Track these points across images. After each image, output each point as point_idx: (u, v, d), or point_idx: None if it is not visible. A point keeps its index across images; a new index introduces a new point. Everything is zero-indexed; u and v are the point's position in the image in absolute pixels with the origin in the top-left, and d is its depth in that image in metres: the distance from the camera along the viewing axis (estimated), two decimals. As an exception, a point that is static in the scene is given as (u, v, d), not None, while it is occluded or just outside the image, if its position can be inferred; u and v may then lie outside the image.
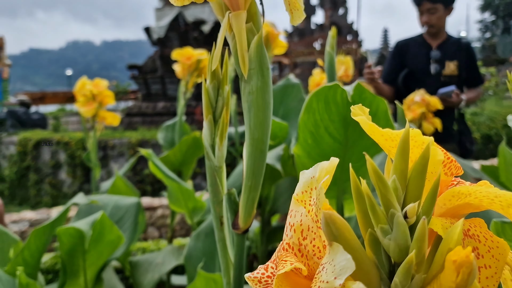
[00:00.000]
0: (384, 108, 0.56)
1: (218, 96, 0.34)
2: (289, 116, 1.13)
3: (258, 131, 0.29)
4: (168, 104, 7.78)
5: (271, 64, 5.81)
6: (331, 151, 0.61)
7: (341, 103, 0.56)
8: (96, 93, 1.35)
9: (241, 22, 0.31)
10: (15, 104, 7.66)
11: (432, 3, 1.84)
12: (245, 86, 0.31)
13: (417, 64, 1.94)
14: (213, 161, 0.31)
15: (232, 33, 0.31)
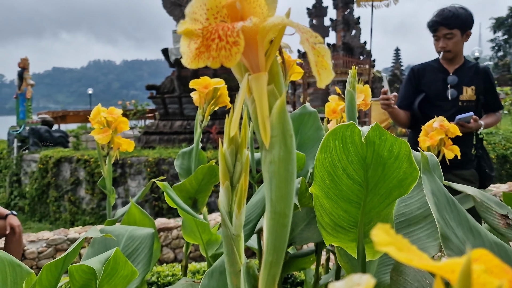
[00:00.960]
0: (406, 150, 0.54)
1: (236, 161, 0.31)
2: (306, 145, 1.11)
3: (281, 204, 0.27)
4: (185, 123, 7.87)
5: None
6: (351, 193, 0.59)
7: (360, 144, 0.54)
8: (111, 120, 1.35)
9: (262, 86, 0.29)
10: (38, 122, 7.86)
11: (449, 28, 1.81)
12: (266, 155, 0.28)
13: (433, 89, 1.90)
14: (230, 229, 0.29)
15: (251, 97, 0.29)
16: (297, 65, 1.37)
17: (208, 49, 0.26)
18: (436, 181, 0.54)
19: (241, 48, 0.26)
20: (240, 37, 0.26)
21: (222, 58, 0.26)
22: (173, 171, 5.77)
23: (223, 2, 0.28)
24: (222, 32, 0.27)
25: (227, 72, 8.04)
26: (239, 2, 0.28)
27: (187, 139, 7.60)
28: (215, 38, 0.27)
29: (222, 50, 0.26)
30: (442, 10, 1.85)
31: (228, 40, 0.26)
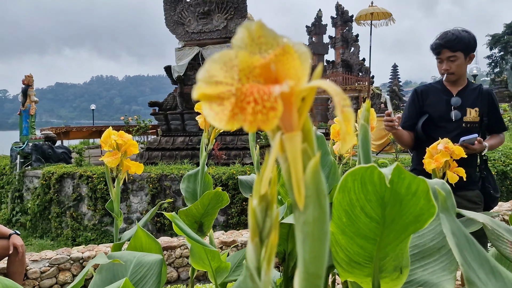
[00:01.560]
0: (425, 188, 0.54)
1: (266, 217, 0.31)
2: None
3: (314, 265, 0.27)
4: (187, 139, 7.89)
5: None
6: (368, 230, 0.59)
7: (379, 183, 0.54)
8: (121, 143, 1.36)
9: (297, 146, 0.28)
10: (41, 138, 7.88)
11: (452, 51, 1.82)
12: (300, 215, 0.28)
13: (437, 111, 1.91)
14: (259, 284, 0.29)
15: (284, 155, 0.29)
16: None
17: (243, 111, 0.26)
18: (455, 221, 0.54)
19: (278, 114, 0.26)
20: (278, 103, 0.26)
21: (259, 122, 0.26)
22: (175, 187, 5.76)
23: (255, 63, 0.28)
24: (258, 96, 0.26)
25: (229, 89, 8.09)
26: (274, 64, 0.28)
27: (189, 155, 7.61)
28: (251, 101, 0.26)
29: (259, 114, 0.26)
30: (445, 33, 1.87)
31: (265, 104, 0.26)
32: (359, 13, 9.17)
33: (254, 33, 0.29)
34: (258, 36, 0.28)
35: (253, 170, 5.56)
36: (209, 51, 8.15)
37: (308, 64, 0.28)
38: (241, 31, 0.29)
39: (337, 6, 22.63)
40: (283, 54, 0.28)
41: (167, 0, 8.49)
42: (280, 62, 0.28)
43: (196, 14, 8.21)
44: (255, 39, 0.28)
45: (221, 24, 8.08)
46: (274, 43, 0.29)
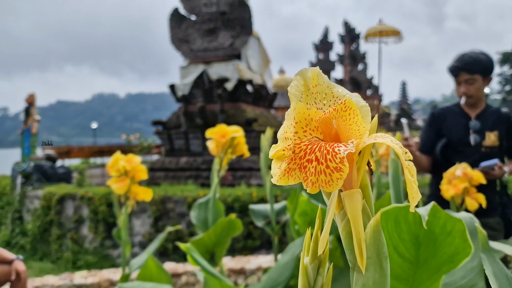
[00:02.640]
0: (461, 227, 0.51)
1: (317, 275, 0.29)
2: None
3: None
4: (191, 159, 7.84)
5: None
6: (400, 270, 0.56)
7: (413, 223, 0.51)
8: (129, 169, 1.33)
9: (357, 205, 0.26)
10: (42, 158, 7.86)
11: (470, 74, 1.80)
12: (358, 277, 0.25)
13: (455, 134, 1.87)
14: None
15: (341, 213, 0.27)
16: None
17: (302, 169, 0.24)
18: (497, 262, 0.51)
19: (344, 175, 0.24)
20: (345, 164, 0.23)
21: (321, 183, 0.24)
22: (179, 209, 5.69)
23: (312, 115, 0.27)
24: (320, 154, 0.25)
25: (235, 107, 8.11)
26: (336, 120, 0.26)
27: (193, 176, 7.55)
28: (312, 160, 0.25)
29: (322, 174, 0.24)
30: (462, 55, 1.85)
31: (328, 164, 0.24)
32: (368, 30, 9.27)
33: (310, 81, 0.26)
34: (314, 85, 0.27)
35: (259, 192, 5.49)
36: (215, 69, 8.20)
37: (369, 118, 0.27)
38: (296, 79, 0.26)
39: (345, 23, 22.93)
40: (345, 109, 0.27)
41: (172, 18, 8.59)
42: (341, 117, 0.27)
43: (201, 32, 8.29)
44: (311, 88, 0.27)
45: (226, 41, 8.15)
46: (328, 92, 0.27)
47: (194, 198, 5.58)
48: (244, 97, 8.23)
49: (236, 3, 8.06)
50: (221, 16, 8.15)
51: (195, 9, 8.41)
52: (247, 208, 5.37)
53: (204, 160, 7.77)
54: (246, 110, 8.03)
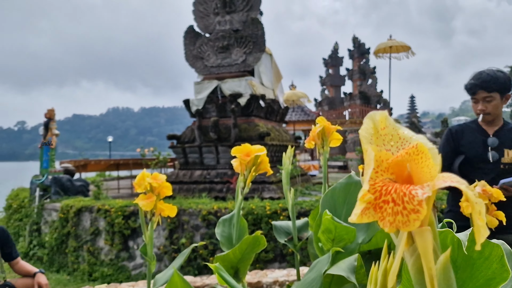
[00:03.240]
0: (499, 252, 0.53)
1: None
2: (354, 216, 1.10)
3: None
4: (205, 173, 7.91)
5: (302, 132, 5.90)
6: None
7: (451, 247, 0.53)
8: (155, 186, 1.37)
9: (428, 242, 0.27)
10: (60, 171, 8.01)
11: (488, 92, 1.81)
12: None
13: (473, 151, 1.87)
14: None
15: (409, 249, 0.28)
16: (336, 132, 1.39)
17: (378, 209, 0.26)
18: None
19: (421, 216, 0.25)
20: (423, 207, 0.25)
21: (398, 223, 0.25)
22: (193, 222, 5.73)
23: (383, 157, 0.29)
24: (396, 196, 0.26)
25: (247, 121, 8.17)
26: (409, 163, 0.28)
27: (207, 189, 7.60)
28: (389, 200, 0.26)
29: (399, 215, 0.25)
30: (480, 73, 1.86)
31: (405, 206, 0.25)
32: (378, 46, 9.29)
33: (379, 124, 0.30)
34: (382, 128, 0.30)
35: (272, 204, 5.51)
36: (228, 85, 8.31)
37: (438, 159, 0.28)
38: (366, 122, 0.30)
39: (354, 39, 23.05)
40: (417, 153, 0.28)
41: (187, 35, 8.76)
42: (414, 161, 0.28)
43: (215, 48, 8.43)
44: (380, 130, 0.30)
45: (239, 58, 8.27)
46: (395, 134, 0.30)
47: (208, 211, 5.61)
48: (257, 112, 8.30)
49: (249, 21, 8.20)
50: (234, 34, 8.30)
51: (209, 27, 8.58)
52: (260, 221, 5.38)
53: (218, 173, 7.83)
54: (259, 124, 8.10)
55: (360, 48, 22.63)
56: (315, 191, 8.70)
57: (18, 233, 7.88)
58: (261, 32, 8.14)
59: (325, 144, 1.40)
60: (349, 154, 21.04)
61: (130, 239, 6.02)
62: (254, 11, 8.31)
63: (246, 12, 8.32)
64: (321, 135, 1.42)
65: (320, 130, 1.40)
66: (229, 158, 7.78)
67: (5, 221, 8.95)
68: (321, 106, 23.35)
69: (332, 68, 24.18)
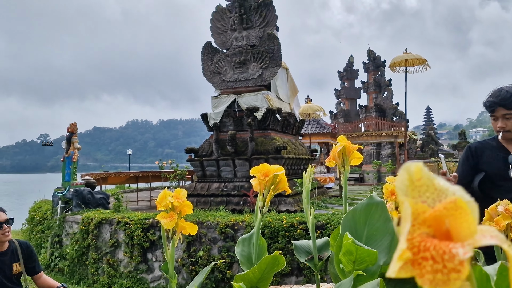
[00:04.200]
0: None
1: None
2: (375, 237, 1.11)
3: None
4: (222, 186, 7.97)
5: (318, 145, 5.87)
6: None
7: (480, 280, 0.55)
8: (177, 205, 1.42)
9: None
10: (81, 184, 8.19)
11: (507, 109, 1.80)
12: None
13: (494, 169, 1.85)
14: None
15: None
16: (356, 151, 1.42)
17: (417, 265, 0.26)
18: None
19: (463, 276, 0.25)
20: (464, 266, 0.25)
21: (438, 282, 0.25)
22: (210, 234, 5.77)
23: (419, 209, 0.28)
24: (436, 253, 0.26)
25: (264, 135, 8.23)
26: (447, 218, 0.28)
27: (224, 202, 7.65)
28: (428, 258, 0.26)
29: (439, 273, 0.25)
30: (499, 90, 1.84)
31: (446, 264, 0.25)
32: (394, 59, 9.26)
33: (414, 175, 0.29)
34: (418, 179, 0.29)
35: (289, 218, 5.50)
36: (245, 99, 8.40)
37: (476, 212, 0.28)
38: (401, 174, 0.30)
39: (369, 52, 23.03)
40: (455, 208, 0.28)
41: (204, 51, 8.93)
42: (452, 216, 0.28)
43: (232, 63, 8.56)
44: (415, 181, 0.29)
45: (256, 72, 8.37)
46: (430, 184, 0.29)
47: (225, 224, 5.65)
48: (273, 125, 8.35)
49: (266, 36, 8.32)
50: (251, 49, 8.42)
51: (226, 42, 8.73)
52: (277, 234, 5.38)
53: (235, 186, 7.87)
54: (275, 138, 8.14)
55: (375, 61, 22.56)
56: (332, 204, 8.64)
57: (40, 245, 8.06)
58: (277, 47, 8.24)
59: (346, 163, 1.42)
60: (365, 167, 20.81)
61: (149, 251, 6.09)
62: (271, 26, 8.43)
63: (263, 28, 8.44)
64: (342, 154, 1.44)
65: (341, 149, 1.42)
66: (246, 171, 7.82)
67: (27, 233, 9.18)
68: (337, 119, 23.28)
69: (347, 81, 24.15)
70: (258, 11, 8.50)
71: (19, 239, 2.81)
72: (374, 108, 20.96)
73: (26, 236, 9.30)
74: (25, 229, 9.64)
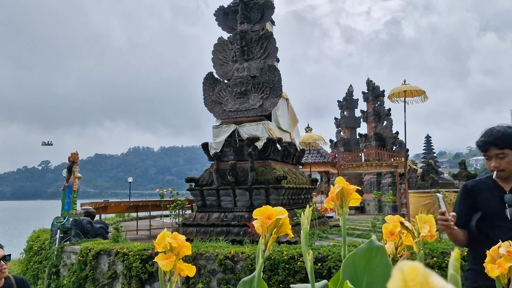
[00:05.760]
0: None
1: None
2: (375, 283, 1.11)
3: None
4: (222, 215, 7.91)
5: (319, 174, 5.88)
6: None
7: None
8: (175, 246, 1.43)
9: None
10: (81, 214, 8.14)
11: (499, 148, 1.81)
12: None
13: (491, 208, 1.85)
14: None
15: None
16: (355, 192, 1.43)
17: None
18: None
19: None
20: None
21: None
22: (210, 266, 5.68)
23: None
24: None
25: (264, 165, 8.24)
26: None
27: (224, 232, 7.57)
28: None
29: None
30: (490, 130, 1.87)
31: None
32: (392, 90, 9.40)
33: (408, 275, 0.30)
34: (412, 279, 0.30)
35: (289, 250, 5.43)
36: (245, 129, 8.47)
37: None
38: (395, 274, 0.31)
39: (368, 82, 23.35)
40: None
41: (206, 82, 9.08)
42: None
43: (233, 94, 8.69)
44: (409, 281, 0.30)
45: (257, 103, 8.47)
46: (425, 283, 0.30)
47: (225, 255, 5.57)
48: (274, 155, 8.38)
49: (266, 67, 8.48)
50: (252, 80, 8.57)
51: (228, 73, 8.90)
52: (277, 266, 5.30)
53: (235, 216, 7.81)
54: (276, 167, 8.15)
55: (374, 91, 22.85)
56: (332, 235, 8.53)
57: (37, 276, 7.93)
58: (277, 78, 8.38)
59: (344, 204, 1.43)
60: (366, 196, 20.68)
61: (147, 283, 5.99)
62: (271, 58, 8.61)
63: (263, 59, 8.62)
64: (340, 196, 1.45)
65: (339, 190, 1.43)
66: (247, 201, 7.78)
67: (25, 263, 9.04)
68: (337, 148, 23.34)
69: (347, 110, 24.39)
70: (259, 43, 8.70)
71: (15, 275, 2.78)
72: (374, 137, 21.05)
73: (23, 266, 9.17)
74: (23, 259, 9.51)
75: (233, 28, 9.12)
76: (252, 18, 8.95)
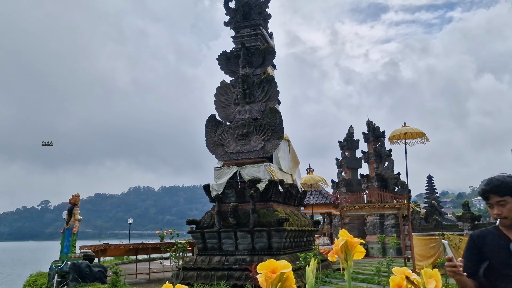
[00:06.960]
0: None
1: None
2: None
3: None
4: (223, 259, 7.77)
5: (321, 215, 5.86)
6: None
7: None
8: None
9: None
10: (80, 257, 8.01)
11: (500, 196, 1.86)
12: None
13: (497, 258, 1.86)
14: None
15: None
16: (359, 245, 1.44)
17: None
18: None
19: None
20: None
21: None
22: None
23: None
24: None
25: (266, 207, 8.20)
26: None
27: (225, 276, 7.41)
28: None
29: None
30: (490, 179, 1.93)
31: None
32: (393, 133, 9.51)
33: None
34: None
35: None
36: (247, 170, 8.51)
37: None
38: None
39: (368, 123, 23.63)
40: None
41: (208, 124, 9.23)
42: None
43: (235, 136, 8.81)
44: None
45: (258, 145, 8.58)
46: None
47: (226, 303, 5.43)
48: (275, 197, 8.36)
49: (268, 110, 8.66)
50: (253, 122, 8.72)
51: (230, 116, 9.08)
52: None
53: (236, 259, 7.67)
54: (277, 209, 8.11)
55: (374, 132, 23.06)
56: (336, 279, 8.33)
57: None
58: (279, 120, 8.53)
59: (349, 258, 1.44)
60: (369, 237, 20.33)
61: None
62: (273, 101, 8.81)
63: (265, 102, 8.82)
64: (344, 249, 1.45)
65: (343, 244, 1.44)
66: (248, 244, 7.67)
67: (21, 308, 8.78)
68: (339, 188, 23.23)
69: (348, 150, 24.53)
70: (260, 86, 8.94)
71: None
72: (376, 178, 21.00)
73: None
74: (18, 305, 9.24)
75: (235, 72, 9.40)
76: (253, 63, 9.24)
